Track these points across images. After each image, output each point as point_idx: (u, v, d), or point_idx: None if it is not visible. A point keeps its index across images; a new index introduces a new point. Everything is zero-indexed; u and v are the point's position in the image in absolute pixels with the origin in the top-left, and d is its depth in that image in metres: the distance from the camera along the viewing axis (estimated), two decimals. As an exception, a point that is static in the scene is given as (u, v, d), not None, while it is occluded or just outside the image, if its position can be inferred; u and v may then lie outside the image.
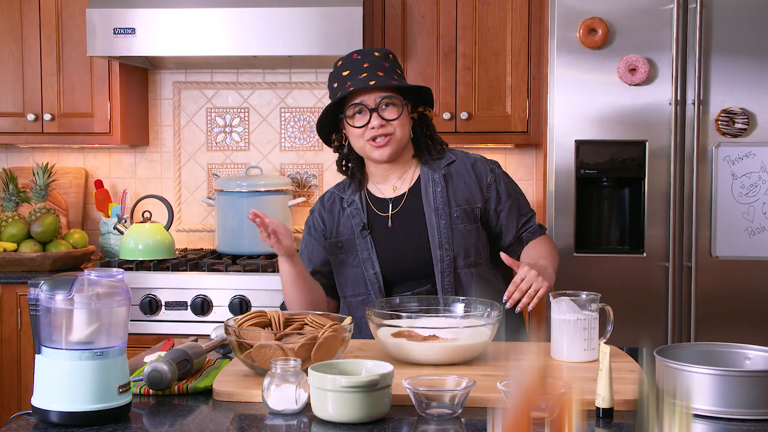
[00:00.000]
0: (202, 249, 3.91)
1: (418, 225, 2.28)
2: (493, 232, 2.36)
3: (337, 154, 2.39)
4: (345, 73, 2.26)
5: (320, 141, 3.93)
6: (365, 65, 2.25)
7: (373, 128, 2.23)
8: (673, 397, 1.13)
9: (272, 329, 1.88)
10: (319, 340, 1.74)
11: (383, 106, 2.24)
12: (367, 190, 2.37)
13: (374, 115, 2.23)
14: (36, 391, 1.53)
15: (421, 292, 2.24)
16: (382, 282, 2.28)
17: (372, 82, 2.21)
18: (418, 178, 2.33)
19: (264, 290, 3.25)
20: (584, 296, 1.97)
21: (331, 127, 2.35)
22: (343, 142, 2.35)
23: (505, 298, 2.06)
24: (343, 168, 2.39)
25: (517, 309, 2.07)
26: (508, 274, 2.28)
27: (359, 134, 2.26)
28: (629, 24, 3.08)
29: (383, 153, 2.26)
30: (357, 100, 2.24)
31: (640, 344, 2.20)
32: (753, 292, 3.08)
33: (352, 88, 2.21)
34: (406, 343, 1.88)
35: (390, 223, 2.31)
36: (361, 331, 2.22)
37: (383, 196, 2.35)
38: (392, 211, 2.32)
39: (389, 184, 2.35)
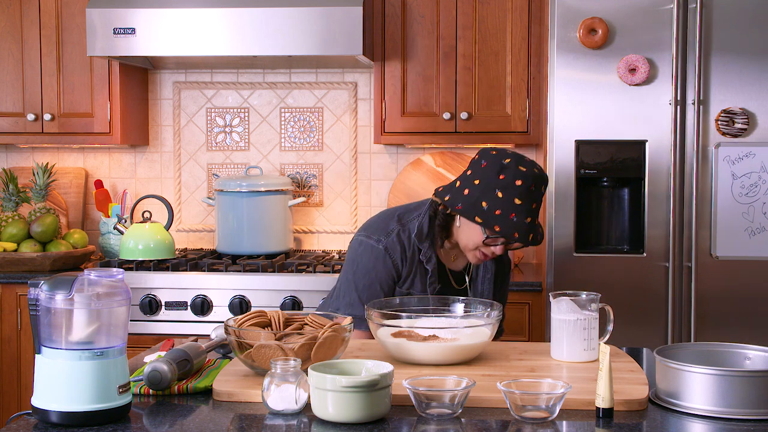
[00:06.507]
0: (202, 249, 3.91)
1: None
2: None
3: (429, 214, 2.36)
4: (518, 202, 2.17)
5: (320, 141, 3.94)
6: (533, 206, 2.19)
7: (494, 253, 2.25)
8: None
9: (272, 329, 1.88)
10: (319, 340, 1.74)
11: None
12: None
13: (503, 246, 2.24)
14: (36, 391, 1.53)
15: None
16: None
17: (531, 237, 2.18)
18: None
19: (264, 290, 3.25)
20: (584, 296, 1.97)
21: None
22: (448, 212, 2.30)
23: None
24: (434, 228, 2.34)
25: None
26: None
27: (479, 242, 2.24)
28: (629, 24, 3.08)
29: (479, 263, 2.35)
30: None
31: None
32: (753, 292, 3.08)
33: (517, 244, 2.23)
34: (406, 343, 1.88)
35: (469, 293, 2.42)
36: None
37: (450, 266, 2.40)
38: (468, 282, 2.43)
39: (451, 255, 2.41)
